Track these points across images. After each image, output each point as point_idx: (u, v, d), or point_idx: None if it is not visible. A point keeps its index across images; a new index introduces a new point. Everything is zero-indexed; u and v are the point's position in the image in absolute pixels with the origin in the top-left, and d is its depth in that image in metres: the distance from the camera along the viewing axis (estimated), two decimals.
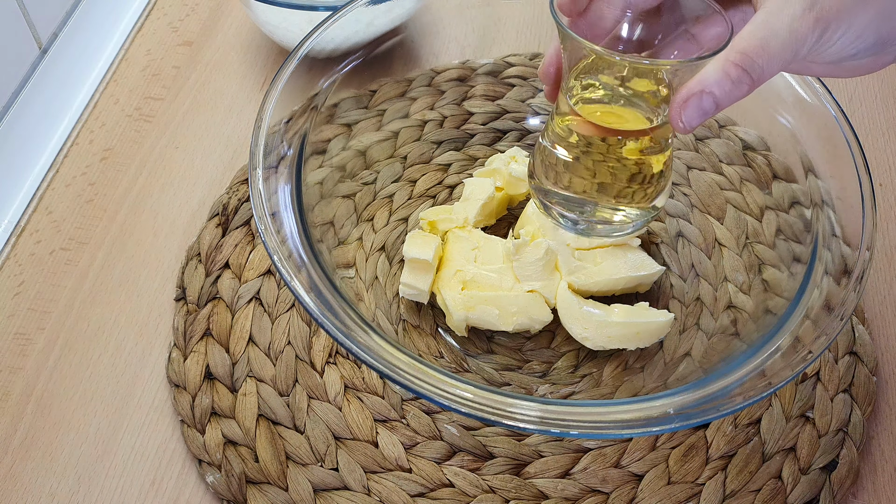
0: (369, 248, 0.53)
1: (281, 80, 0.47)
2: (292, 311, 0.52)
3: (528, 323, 0.50)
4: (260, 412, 0.48)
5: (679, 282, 0.53)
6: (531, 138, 0.60)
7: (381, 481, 0.46)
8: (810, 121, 0.48)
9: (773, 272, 0.48)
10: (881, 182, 0.60)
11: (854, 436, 0.47)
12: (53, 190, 0.59)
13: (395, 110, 0.57)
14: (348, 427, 0.48)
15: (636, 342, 0.49)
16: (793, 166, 0.49)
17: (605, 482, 0.46)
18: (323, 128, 0.50)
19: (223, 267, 0.53)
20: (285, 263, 0.41)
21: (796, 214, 0.48)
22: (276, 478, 0.46)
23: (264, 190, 0.44)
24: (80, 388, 0.50)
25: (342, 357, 0.50)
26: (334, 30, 0.50)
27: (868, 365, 0.50)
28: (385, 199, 0.56)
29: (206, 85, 0.65)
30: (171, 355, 0.50)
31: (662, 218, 0.55)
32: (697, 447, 0.47)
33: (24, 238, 0.56)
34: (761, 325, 0.44)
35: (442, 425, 0.48)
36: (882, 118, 0.64)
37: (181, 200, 0.58)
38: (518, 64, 0.62)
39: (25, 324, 0.52)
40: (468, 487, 0.46)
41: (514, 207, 0.57)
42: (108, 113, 0.63)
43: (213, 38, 0.68)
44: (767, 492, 0.46)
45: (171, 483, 0.47)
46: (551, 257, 0.50)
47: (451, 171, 0.58)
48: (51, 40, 0.62)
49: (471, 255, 0.51)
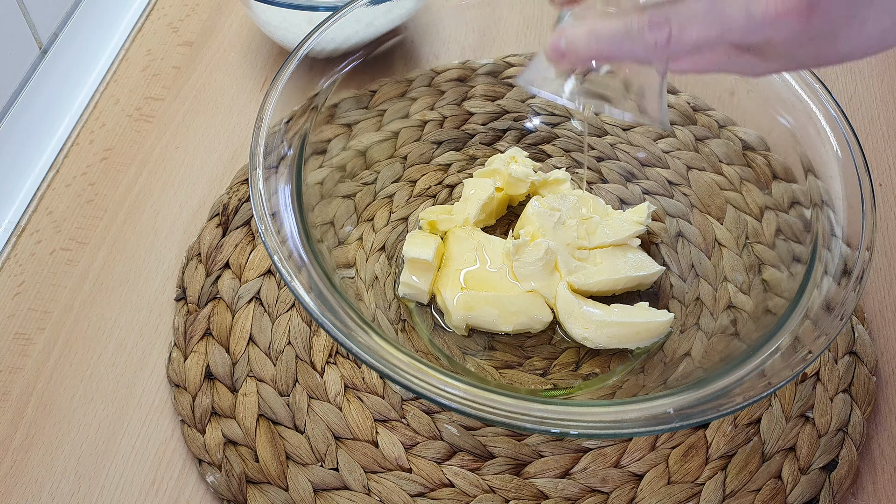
0: (369, 248, 0.53)
1: (281, 80, 0.47)
2: (292, 311, 0.52)
3: (528, 323, 0.50)
4: (260, 412, 0.48)
5: (679, 282, 0.53)
6: (531, 138, 0.60)
7: (381, 481, 0.46)
8: (810, 121, 0.48)
9: (772, 272, 0.48)
10: (881, 182, 0.60)
11: (854, 436, 0.48)
12: (54, 190, 0.59)
13: (396, 110, 0.57)
14: (348, 427, 0.48)
15: (636, 342, 0.49)
16: (793, 166, 0.49)
17: (605, 482, 0.46)
18: (323, 128, 0.50)
19: (223, 267, 0.53)
20: (285, 263, 0.41)
21: (796, 214, 0.48)
22: (277, 478, 0.46)
23: (264, 190, 0.44)
24: (80, 388, 0.50)
25: (342, 357, 0.50)
26: (334, 30, 0.50)
27: (868, 365, 0.50)
28: (385, 199, 0.56)
29: (206, 85, 0.65)
30: (172, 355, 0.50)
31: (662, 218, 0.55)
32: (697, 447, 0.47)
33: (24, 238, 0.56)
34: (761, 325, 0.44)
35: (442, 425, 0.48)
36: (882, 118, 0.64)
37: (181, 200, 0.58)
38: (518, 64, 0.62)
39: (25, 324, 0.52)
40: (468, 487, 0.46)
41: (514, 207, 0.57)
42: (108, 113, 0.63)
43: (213, 38, 0.68)
44: (767, 492, 0.46)
45: (171, 483, 0.47)
46: (551, 257, 0.50)
47: (451, 171, 0.58)
48: (51, 40, 0.62)
49: (471, 255, 0.51)
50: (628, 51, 0.34)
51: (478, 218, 0.54)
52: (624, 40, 0.34)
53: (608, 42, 0.35)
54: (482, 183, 0.55)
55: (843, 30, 0.33)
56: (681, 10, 0.33)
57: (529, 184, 0.55)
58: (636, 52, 0.34)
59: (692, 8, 0.33)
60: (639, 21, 0.34)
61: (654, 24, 0.33)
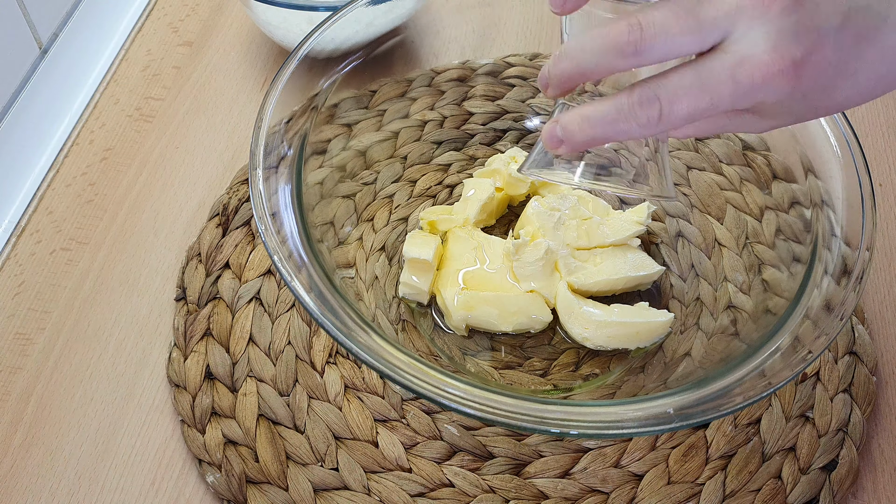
0: (369, 248, 0.53)
1: (281, 80, 0.47)
2: (292, 311, 0.52)
3: (527, 323, 0.50)
4: (260, 412, 0.48)
5: (679, 282, 0.53)
6: (531, 138, 0.60)
7: (382, 481, 0.46)
8: (810, 121, 0.48)
9: (772, 272, 0.48)
10: (881, 182, 0.60)
11: (854, 436, 0.48)
12: (54, 190, 0.59)
13: (396, 110, 0.57)
14: (348, 427, 0.48)
15: (636, 342, 0.49)
16: (793, 166, 0.49)
17: (605, 482, 0.46)
18: (323, 128, 0.50)
19: (223, 267, 0.53)
20: (285, 263, 0.41)
21: (796, 214, 0.48)
22: (277, 478, 0.46)
23: (264, 190, 0.44)
24: (80, 388, 0.50)
25: (342, 357, 0.50)
26: (334, 30, 0.50)
27: (868, 365, 0.50)
28: (385, 199, 0.56)
29: (206, 85, 0.65)
30: (172, 355, 0.50)
31: (662, 218, 0.55)
32: (697, 447, 0.47)
33: (24, 238, 0.56)
34: (761, 325, 0.44)
35: (442, 425, 0.48)
36: (882, 118, 0.64)
37: (181, 200, 0.58)
38: (518, 64, 0.62)
39: (25, 324, 0.52)
40: (468, 487, 0.46)
41: (514, 207, 0.57)
42: (108, 113, 0.63)
43: (213, 38, 0.68)
44: (767, 492, 0.46)
45: (171, 483, 0.47)
46: (551, 257, 0.50)
47: (451, 171, 0.58)
48: (51, 40, 0.62)
49: (471, 255, 0.51)
50: (623, 131, 0.34)
51: (478, 218, 0.54)
52: (617, 121, 0.34)
53: (601, 125, 0.34)
54: (482, 183, 0.55)
55: (836, 83, 0.32)
56: (668, 86, 0.33)
57: (529, 184, 0.55)
58: (630, 131, 0.34)
59: (679, 81, 0.33)
60: (629, 101, 0.33)
61: (643, 102, 0.33)
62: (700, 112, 0.33)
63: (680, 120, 0.33)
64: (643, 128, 0.34)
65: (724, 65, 0.32)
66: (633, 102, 0.33)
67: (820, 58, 0.32)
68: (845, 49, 0.32)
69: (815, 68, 0.32)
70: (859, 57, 0.32)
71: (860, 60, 0.32)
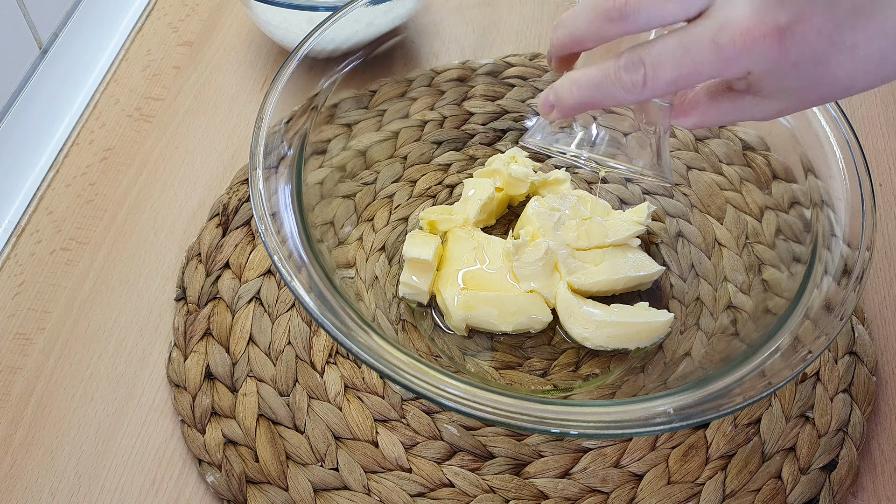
0: (369, 248, 0.53)
1: (281, 80, 0.47)
2: (292, 311, 0.52)
3: (527, 323, 0.50)
4: (260, 412, 0.48)
5: (679, 282, 0.53)
6: None
7: (381, 481, 0.46)
8: (810, 121, 0.48)
9: (772, 272, 0.48)
10: (881, 182, 0.60)
11: (854, 436, 0.48)
12: (53, 190, 0.59)
13: (395, 110, 0.57)
14: (348, 427, 0.48)
15: (636, 342, 0.49)
16: (793, 166, 0.49)
17: (605, 482, 0.46)
18: (323, 128, 0.50)
19: (223, 267, 0.53)
20: (285, 263, 0.41)
21: (796, 214, 0.48)
22: (277, 478, 0.46)
23: (264, 190, 0.44)
24: (80, 388, 0.50)
25: (342, 357, 0.50)
26: (334, 30, 0.50)
27: (868, 365, 0.50)
28: (385, 199, 0.56)
29: (206, 85, 0.65)
30: (172, 355, 0.50)
31: (662, 218, 0.55)
32: (697, 447, 0.47)
33: (24, 238, 0.56)
34: (761, 325, 0.44)
35: (442, 425, 0.48)
36: (882, 118, 0.64)
37: (181, 200, 0.58)
38: (518, 64, 0.62)
39: (25, 324, 0.52)
40: (468, 487, 0.46)
41: (514, 207, 0.57)
42: (108, 113, 0.63)
43: (213, 38, 0.68)
44: (767, 492, 0.46)
45: (171, 483, 0.47)
46: (551, 257, 0.50)
47: (451, 171, 0.58)
48: (51, 40, 0.62)
49: (471, 255, 0.51)
50: (609, 94, 0.35)
51: (478, 218, 0.54)
52: (602, 85, 0.35)
53: (588, 87, 0.36)
54: (482, 183, 0.55)
55: (830, 56, 0.32)
56: (652, 51, 0.34)
57: (529, 184, 0.55)
58: (616, 95, 0.35)
59: (663, 47, 0.34)
60: (615, 66, 0.35)
61: (628, 66, 0.34)
62: (683, 78, 0.33)
63: (664, 84, 0.34)
64: (628, 92, 0.35)
65: (707, 30, 0.32)
66: (618, 67, 0.34)
67: (808, 26, 0.31)
68: (839, 20, 0.31)
69: (802, 37, 0.31)
70: (857, 29, 0.31)
71: (859, 33, 0.31)
